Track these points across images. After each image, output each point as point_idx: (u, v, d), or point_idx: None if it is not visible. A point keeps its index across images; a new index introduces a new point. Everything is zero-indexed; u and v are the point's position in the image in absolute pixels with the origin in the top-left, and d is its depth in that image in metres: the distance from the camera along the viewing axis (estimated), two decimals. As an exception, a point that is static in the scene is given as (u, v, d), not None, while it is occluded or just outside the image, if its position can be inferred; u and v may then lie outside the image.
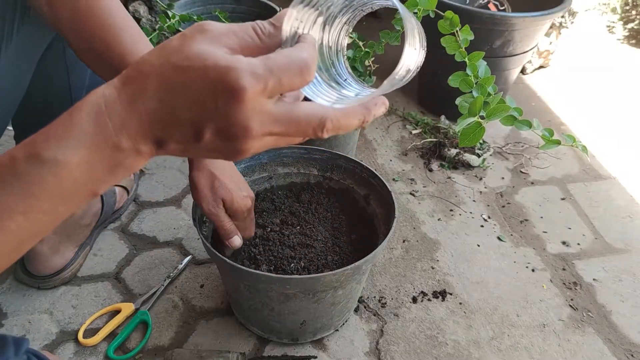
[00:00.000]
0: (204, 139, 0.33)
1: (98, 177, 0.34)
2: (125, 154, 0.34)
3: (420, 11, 0.81)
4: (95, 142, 0.33)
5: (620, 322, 0.93)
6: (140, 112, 0.33)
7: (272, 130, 0.34)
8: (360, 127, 0.37)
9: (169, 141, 0.34)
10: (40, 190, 0.33)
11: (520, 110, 0.66)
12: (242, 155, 0.35)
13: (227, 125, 0.33)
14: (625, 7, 2.00)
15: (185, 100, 0.33)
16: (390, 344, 0.87)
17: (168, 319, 0.88)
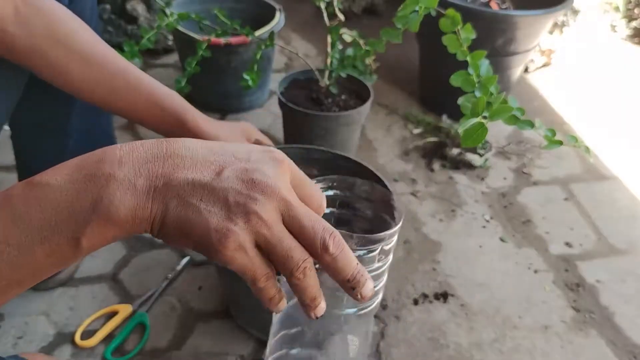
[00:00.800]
0: (222, 176, 0.32)
1: (81, 213, 0.31)
2: (117, 184, 0.31)
3: (421, 9, 0.80)
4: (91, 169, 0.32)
5: (624, 324, 0.92)
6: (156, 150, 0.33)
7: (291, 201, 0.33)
8: (350, 279, 0.35)
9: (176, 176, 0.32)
10: (23, 216, 0.31)
11: (523, 110, 0.65)
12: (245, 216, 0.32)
13: (255, 170, 0.33)
14: (628, 6, 1.98)
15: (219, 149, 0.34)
16: (391, 346, 0.86)
17: (166, 321, 0.87)
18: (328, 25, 1.05)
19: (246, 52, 1.28)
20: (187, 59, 1.07)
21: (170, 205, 0.32)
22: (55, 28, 0.62)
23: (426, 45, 1.44)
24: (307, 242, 0.34)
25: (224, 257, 0.32)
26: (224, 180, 0.32)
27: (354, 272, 0.35)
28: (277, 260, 0.34)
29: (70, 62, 0.63)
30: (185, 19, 1.10)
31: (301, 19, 1.94)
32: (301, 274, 0.34)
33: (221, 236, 0.31)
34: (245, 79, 1.06)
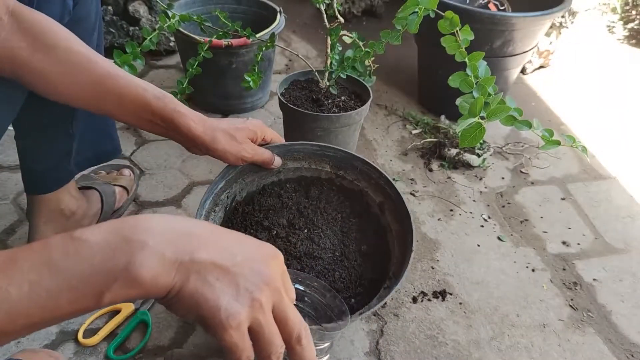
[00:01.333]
0: (237, 263, 0.38)
1: (111, 271, 0.34)
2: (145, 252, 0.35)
3: (420, 11, 0.81)
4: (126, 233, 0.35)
5: (621, 322, 0.93)
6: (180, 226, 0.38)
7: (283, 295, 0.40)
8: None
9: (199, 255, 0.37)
10: (57, 264, 0.33)
11: (520, 111, 0.66)
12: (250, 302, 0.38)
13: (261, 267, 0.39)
14: (625, 7, 2.00)
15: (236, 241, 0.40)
16: (390, 344, 0.87)
17: (168, 319, 0.88)
18: (328, 26, 1.06)
19: (247, 53, 1.29)
20: (189, 60, 1.08)
21: (190, 279, 0.36)
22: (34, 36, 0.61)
23: (425, 46, 1.45)
24: (287, 332, 0.40)
25: (225, 333, 0.37)
26: (237, 266, 0.38)
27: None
28: (260, 342, 0.39)
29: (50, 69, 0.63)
30: (187, 21, 1.11)
31: (301, 21, 1.96)
32: (275, 358, 0.39)
33: (229, 315, 0.36)
34: (247, 80, 1.07)
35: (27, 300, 0.33)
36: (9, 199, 1.08)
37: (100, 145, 0.99)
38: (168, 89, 1.39)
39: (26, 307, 0.33)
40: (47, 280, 0.33)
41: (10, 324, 0.33)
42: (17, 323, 0.33)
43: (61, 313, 0.34)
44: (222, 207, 0.85)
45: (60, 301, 0.34)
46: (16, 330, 0.34)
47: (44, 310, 0.33)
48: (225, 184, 0.84)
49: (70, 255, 0.34)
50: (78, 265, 0.34)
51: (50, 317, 0.34)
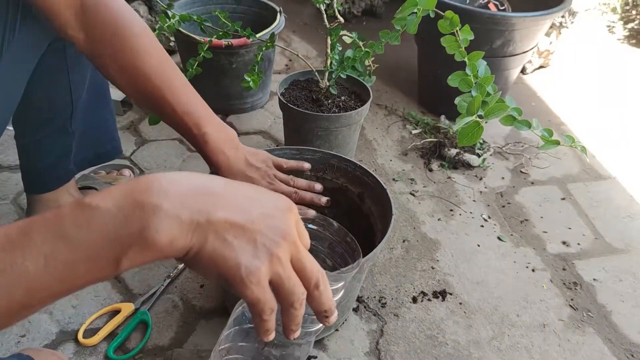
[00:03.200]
0: (254, 219, 0.37)
1: (127, 237, 0.33)
2: (161, 215, 0.34)
3: (419, 11, 0.81)
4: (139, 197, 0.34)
5: (621, 322, 0.93)
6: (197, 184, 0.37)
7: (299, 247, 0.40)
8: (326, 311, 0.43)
9: (217, 215, 0.36)
10: (70, 234, 0.33)
11: (520, 110, 0.66)
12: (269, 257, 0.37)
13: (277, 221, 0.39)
14: (625, 7, 2.00)
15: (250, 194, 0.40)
16: (390, 344, 0.87)
17: (168, 319, 0.88)
18: (328, 27, 1.06)
19: (247, 53, 1.29)
20: (189, 60, 1.08)
21: (208, 239, 0.36)
22: (110, 39, 0.67)
23: (425, 46, 1.45)
24: (305, 279, 0.40)
25: (247, 289, 0.37)
26: (255, 223, 0.37)
27: (331, 305, 0.43)
28: (282, 293, 0.39)
29: (114, 73, 0.69)
30: (187, 21, 1.11)
31: (301, 21, 1.96)
32: (298, 305, 0.40)
33: (249, 272, 0.36)
34: (247, 81, 1.07)
35: (45, 274, 0.33)
36: (9, 199, 1.08)
37: (101, 145, 0.99)
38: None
39: (45, 280, 0.33)
40: (63, 252, 0.33)
41: (32, 299, 0.33)
42: (38, 297, 0.33)
43: (81, 282, 0.34)
44: None
45: (79, 271, 0.33)
46: (39, 303, 0.34)
47: (63, 282, 0.33)
48: None
49: (83, 225, 0.33)
50: (92, 235, 0.33)
51: (70, 286, 0.34)
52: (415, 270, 1.00)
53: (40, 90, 0.79)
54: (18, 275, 0.32)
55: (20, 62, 0.70)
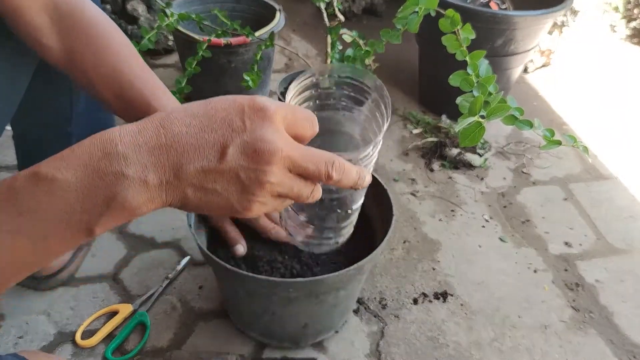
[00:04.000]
0: (227, 157, 0.34)
1: (94, 208, 0.32)
2: (126, 183, 0.32)
3: (421, 10, 0.80)
4: (98, 165, 0.32)
5: (623, 323, 0.93)
6: (159, 139, 0.33)
7: (294, 157, 0.37)
8: (354, 185, 0.43)
9: (187, 167, 0.33)
10: (32, 209, 0.32)
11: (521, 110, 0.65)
12: (259, 187, 0.36)
13: (255, 140, 0.34)
14: (627, 6, 1.99)
15: (213, 123, 0.34)
16: (391, 345, 0.86)
17: (166, 320, 0.88)
18: (328, 25, 1.05)
19: (246, 52, 1.28)
20: (188, 59, 1.08)
21: (188, 193, 0.35)
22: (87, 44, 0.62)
23: (425, 45, 1.45)
24: (314, 179, 0.40)
25: (248, 217, 0.39)
26: (230, 161, 0.34)
27: (356, 181, 0.42)
28: (292, 199, 0.40)
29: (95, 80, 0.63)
30: (186, 19, 1.10)
31: (301, 20, 1.95)
32: (312, 200, 0.41)
33: (244, 207, 0.36)
34: (246, 80, 1.06)
35: (15, 250, 0.32)
36: (7, 199, 1.08)
37: None
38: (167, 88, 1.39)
39: (17, 255, 0.32)
40: (27, 227, 0.32)
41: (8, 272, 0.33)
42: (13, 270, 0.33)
43: (55, 251, 0.34)
44: None
45: (50, 243, 0.33)
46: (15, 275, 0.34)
47: (36, 254, 0.33)
48: None
49: (42, 199, 0.32)
50: (54, 207, 0.32)
51: (45, 256, 0.33)
52: (416, 271, 1.00)
53: (40, 92, 0.79)
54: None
55: (20, 65, 0.69)
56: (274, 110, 0.36)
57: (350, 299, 0.83)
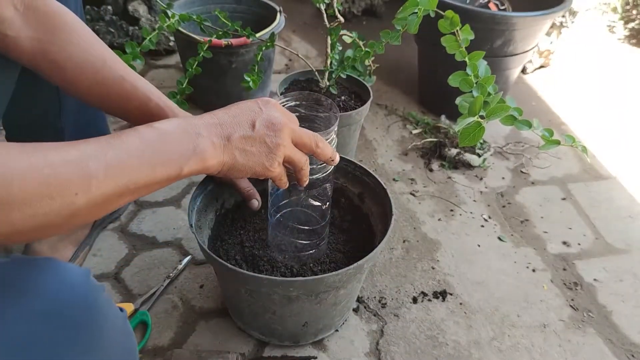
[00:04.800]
0: (256, 127, 0.54)
1: (185, 153, 0.49)
2: (203, 139, 0.50)
3: (420, 11, 0.81)
4: (184, 126, 0.50)
5: (621, 323, 0.93)
6: (214, 120, 0.53)
7: (294, 129, 0.57)
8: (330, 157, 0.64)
9: (234, 135, 0.53)
10: (151, 143, 0.47)
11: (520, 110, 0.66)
12: (278, 148, 0.55)
13: (270, 117, 0.56)
14: (625, 7, 2.00)
15: (242, 111, 0.56)
16: (391, 344, 0.86)
17: (167, 319, 0.88)
18: (328, 26, 1.06)
19: (247, 53, 1.29)
20: (189, 60, 1.08)
21: (236, 154, 0.53)
22: (55, 32, 0.62)
23: (425, 46, 1.45)
24: (305, 147, 0.59)
25: (270, 174, 0.57)
26: (258, 130, 0.54)
27: (332, 154, 0.64)
28: (293, 164, 0.59)
29: (67, 66, 0.63)
30: (187, 20, 1.11)
31: (301, 21, 1.95)
32: (304, 168, 0.61)
33: (270, 164, 0.55)
34: (246, 80, 1.07)
35: (139, 171, 0.45)
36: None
37: None
38: (168, 88, 1.39)
39: (140, 176, 0.45)
40: (148, 157, 0.46)
41: (128, 189, 0.45)
42: (133, 188, 0.45)
43: (155, 182, 0.47)
44: (213, 209, 0.86)
45: (157, 174, 0.47)
46: (131, 194, 0.45)
47: (147, 179, 0.46)
48: (214, 187, 0.85)
49: (158, 141, 0.47)
50: (163, 148, 0.47)
51: (149, 185, 0.47)
52: (416, 271, 1.00)
53: (27, 89, 0.79)
54: (123, 167, 0.44)
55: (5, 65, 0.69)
56: (274, 102, 0.58)
57: (350, 298, 0.83)
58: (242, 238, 0.85)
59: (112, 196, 0.44)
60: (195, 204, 0.80)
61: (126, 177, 0.44)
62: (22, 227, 0.38)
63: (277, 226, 0.80)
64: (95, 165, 0.42)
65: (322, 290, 0.73)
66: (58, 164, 0.40)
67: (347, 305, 0.84)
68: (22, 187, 0.37)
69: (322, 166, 0.69)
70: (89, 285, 0.43)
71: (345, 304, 0.82)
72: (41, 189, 0.38)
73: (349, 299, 0.83)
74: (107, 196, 0.43)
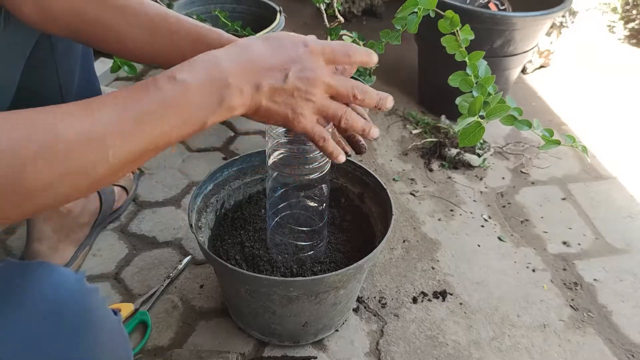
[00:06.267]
0: (288, 80, 0.50)
1: (210, 106, 0.47)
2: (231, 90, 0.47)
3: (420, 10, 0.81)
4: (210, 75, 0.47)
5: (621, 323, 0.93)
6: (247, 58, 0.49)
7: (330, 82, 0.53)
8: (377, 104, 0.57)
9: (264, 84, 0.49)
10: (172, 102, 0.44)
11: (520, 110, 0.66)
12: (306, 104, 0.52)
13: (305, 69, 0.51)
14: (625, 7, 2.00)
15: (279, 51, 0.51)
16: (391, 344, 0.86)
17: (167, 319, 0.88)
18: (328, 26, 1.06)
19: (246, 53, 1.28)
20: (188, 60, 1.08)
21: (262, 102, 0.50)
22: None
23: (425, 46, 1.45)
24: (342, 99, 0.55)
25: (297, 126, 0.53)
26: (289, 83, 0.51)
27: (378, 101, 0.57)
28: (330, 117, 0.55)
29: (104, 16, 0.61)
30: (187, 20, 1.11)
31: (301, 20, 1.95)
32: (345, 118, 0.55)
33: (295, 116, 0.52)
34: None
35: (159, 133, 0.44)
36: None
37: None
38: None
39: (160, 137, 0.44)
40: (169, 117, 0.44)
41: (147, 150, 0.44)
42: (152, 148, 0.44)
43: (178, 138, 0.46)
44: (213, 209, 0.86)
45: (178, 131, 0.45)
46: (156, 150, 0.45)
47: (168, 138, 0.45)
48: (214, 187, 0.86)
49: (180, 98, 0.45)
50: (188, 104, 0.45)
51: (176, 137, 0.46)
52: (416, 271, 1.00)
53: (30, 86, 0.79)
54: (142, 133, 0.43)
55: (10, 60, 0.70)
56: (318, 49, 0.52)
57: (350, 298, 0.83)
58: (242, 238, 0.85)
59: (130, 160, 0.43)
60: (195, 204, 0.80)
61: (144, 141, 0.43)
62: (44, 206, 0.40)
63: (276, 228, 0.79)
64: (111, 137, 0.41)
65: (322, 290, 0.73)
66: (72, 139, 0.39)
67: (347, 305, 0.84)
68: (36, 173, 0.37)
69: (318, 166, 0.69)
70: (84, 288, 0.43)
71: (345, 304, 0.82)
72: (59, 169, 0.38)
73: (349, 299, 0.83)
74: (125, 162, 0.43)
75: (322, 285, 0.71)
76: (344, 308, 0.83)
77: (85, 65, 0.89)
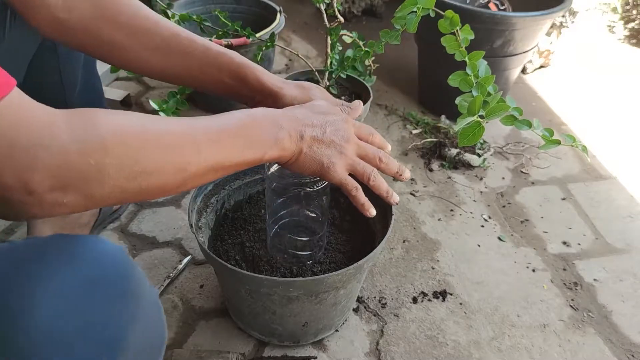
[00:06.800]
0: (326, 133, 0.59)
1: (268, 140, 0.54)
2: (283, 132, 0.55)
3: (419, 10, 0.81)
4: (267, 116, 0.56)
5: (621, 323, 0.93)
6: (293, 117, 0.58)
7: (360, 144, 0.62)
8: (397, 172, 0.65)
9: (306, 134, 0.57)
10: (246, 130, 0.52)
11: (520, 110, 0.66)
12: (340, 155, 0.60)
13: (340, 129, 0.60)
14: (625, 7, 2.00)
15: (319, 114, 0.60)
16: (391, 344, 0.86)
17: (167, 319, 0.88)
18: (328, 26, 1.06)
19: (247, 53, 1.28)
20: (188, 60, 1.08)
21: (304, 149, 0.57)
22: (101, 6, 0.61)
23: (425, 46, 1.45)
24: (371, 161, 0.62)
25: (331, 176, 0.59)
26: (327, 136, 0.59)
27: (399, 168, 0.65)
28: (358, 174, 0.61)
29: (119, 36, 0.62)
30: (187, 20, 1.11)
31: (301, 20, 1.96)
32: (374, 177, 0.62)
33: (330, 165, 0.59)
34: (246, 80, 1.06)
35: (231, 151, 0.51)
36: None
37: None
38: (168, 88, 1.39)
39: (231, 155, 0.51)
40: (241, 141, 0.52)
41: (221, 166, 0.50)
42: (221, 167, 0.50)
43: (242, 163, 0.52)
44: (213, 209, 0.86)
45: (245, 155, 0.52)
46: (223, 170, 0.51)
47: (236, 159, 0.51)
48: (214, 188, 0.86)
49: (251, 126, 0.53)
50: (255, 132, 0.53)
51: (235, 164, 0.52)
52: (416, 271, 1.00)
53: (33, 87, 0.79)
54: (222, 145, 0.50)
55: (14, 60, 0.70)
56: (350, 119, 0.63)
57: (350, 298, 0.83)
58: (242, 238, 0.85)
59: (207, 171, 0.49)
60: (195, 204, 0.80)
61: (222, 154, 0.50)
62: (151, 194, 0.46)
63: (275, 237, 0.80)
64: (202, 137, 0.48)
65: (322, 290, 0.73)
66: (175, 133, 0.46)
67: (347, 305, 0.84)
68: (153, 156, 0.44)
69: (317, 179, 0.70)
70: (128, 258, 0.44)
71: (345, 304, 0.82)
72: (165, 156, 0.45)
73: (349, 299, 0.83)
74: (205, 170, 0.48)
75: (322, 286, 0.71)
76: (344, 308, 0.83)
77: (87, 66, 0.89)
